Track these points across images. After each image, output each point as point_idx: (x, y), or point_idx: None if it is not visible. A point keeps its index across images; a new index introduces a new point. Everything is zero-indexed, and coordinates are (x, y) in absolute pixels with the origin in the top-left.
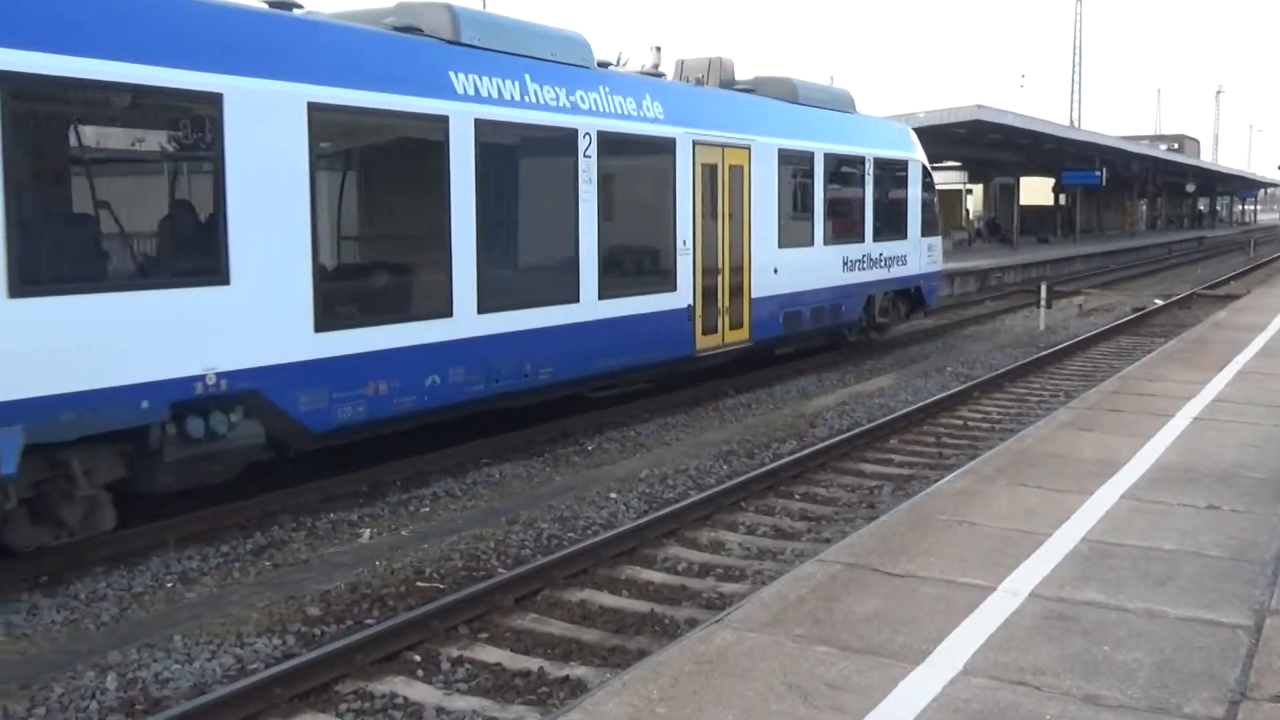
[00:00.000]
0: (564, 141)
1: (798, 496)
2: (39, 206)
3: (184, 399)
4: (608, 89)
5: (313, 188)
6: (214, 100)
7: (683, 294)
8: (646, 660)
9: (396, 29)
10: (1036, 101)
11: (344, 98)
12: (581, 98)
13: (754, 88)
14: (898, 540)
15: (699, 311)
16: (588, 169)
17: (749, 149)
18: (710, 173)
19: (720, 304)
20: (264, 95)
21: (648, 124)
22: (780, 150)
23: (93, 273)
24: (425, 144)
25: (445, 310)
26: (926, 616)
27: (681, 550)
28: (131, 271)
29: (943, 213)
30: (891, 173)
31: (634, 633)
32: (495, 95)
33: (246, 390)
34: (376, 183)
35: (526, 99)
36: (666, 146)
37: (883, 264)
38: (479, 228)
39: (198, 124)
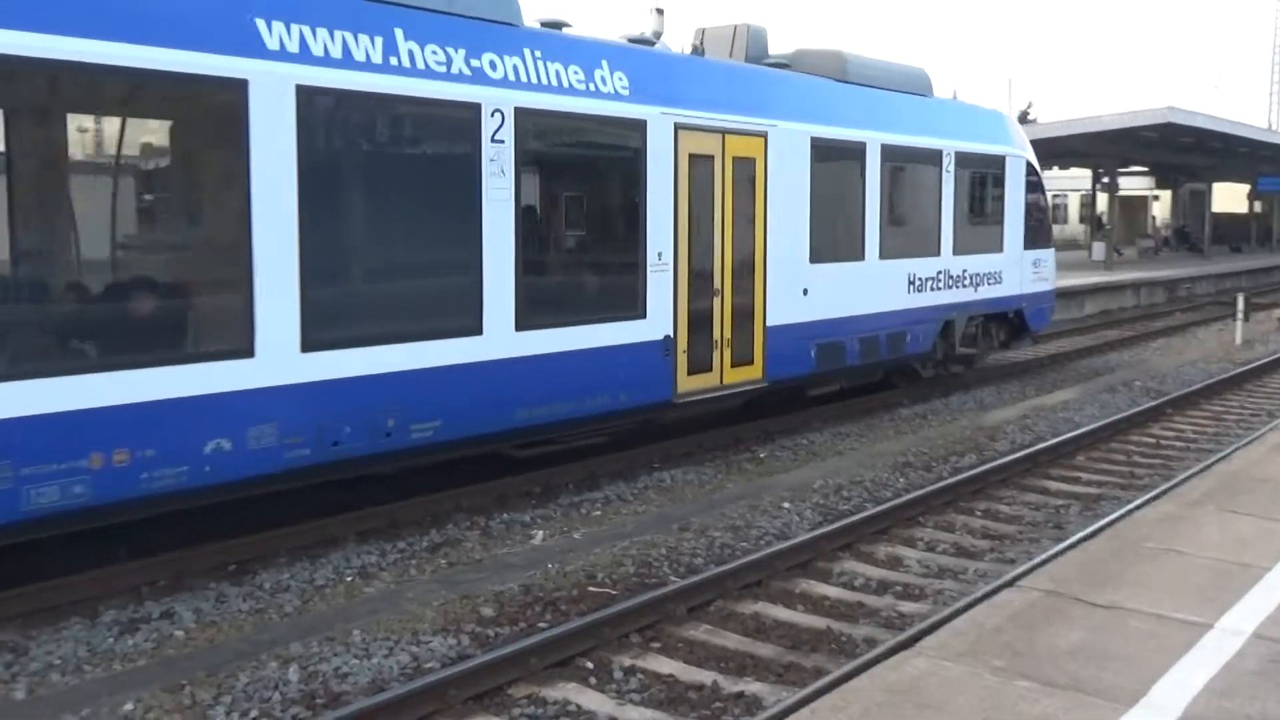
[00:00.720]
0: (457, 120)
1: (978, 513)
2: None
3: None
4: (538, 53)
5: None
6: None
7: (656, 322)
8: (835, 691)
9: None
10: (1231, 106)
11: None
12: (492, 63)
13: (790, 63)
14: (1100, 568)
15: (682, 345)
16: (499, 157)
17: (765, 137)
18: (702, 166)
19: (717, 334)
20: None
21: (601, 100)
22: (815, 139)
23: None
24: (222, 118)
25: (242, 348)
26: (1137, 653)
27: (858, 565)
28: None
29: (1125, 220)
30: (981, 170)
31: (810, 650)
32: (337, 55)
33: None
34: (130, 178)
35: (392, 61)
36: (632, 130)
37: (966, 282)
38: (301, 234)
39: None
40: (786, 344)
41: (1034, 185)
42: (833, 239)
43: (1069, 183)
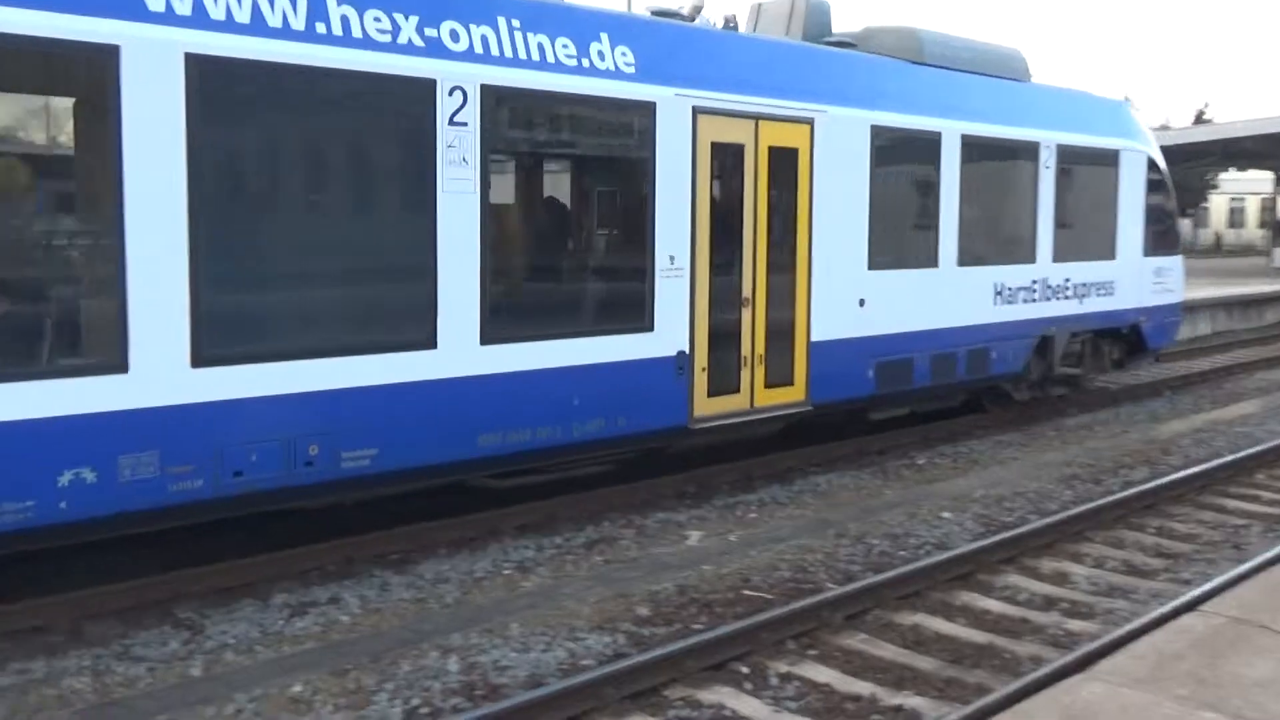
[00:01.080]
0: (401, 99)
1: (1151, 530)
2: None
3: None
4: (516, 23)
5: None
6: None
7: (666, 335)
8: (1005, 712)
9: None
10: None
11: None
12: (453, 33)
13: (856, 42)
14: None
15: (700, 362)
16: (460, 143)
17: (811, 123)
18: (728, 156)
19: (746, 350)
20: None
21: (597, 79)
22: (877, 127)
23: None
24: (89, 93)
25: (112, 360)
26: None
27: (1021, 579)
28: None
29: None
30: (1089, 165)
31: (971, 665)
32: (243, 19)
33: None
34: None
35: (318, 28)
36: (637, 114)
37: (1068, 293)
38: (193, 232)
39: None
40: (837, 362)
41: (1157, 184)
42: (898, 243)
43: (1248, 185)
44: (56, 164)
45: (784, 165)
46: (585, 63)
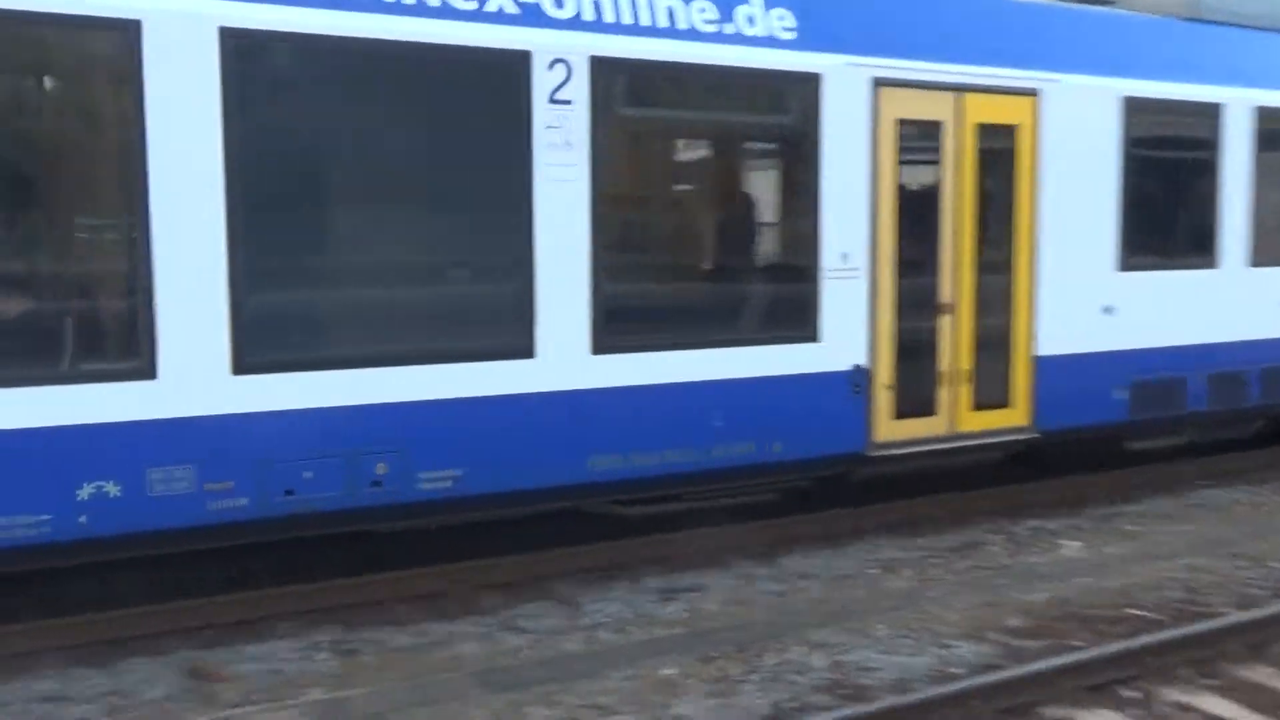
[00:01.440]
0: (489, 74)
1: None
2: None
3: None
4: None
5: None
6: None
7: (837, 346)
8: None
9: None
10: None
11: None
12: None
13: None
14: None
15: (884, 378)
16: (562, 124)
17: (1036, 95)
18: (922, 136)
19: (944, 365)
20: None
21: (744, 47)
22: (1129, 100)
23: None
24: (108, 73)
25: (138, 366)
26: None
27: None
28: None
29: None
30: None
31: None
32: None
33: None
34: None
35: None
36: (798, 87)
37: None
38: (231, 227)
39: None
40: (1074, 380)
41: None
42: (1161, 238)
43: None
44: (81, 157)
45: (998, 145)
46: (729, 29)
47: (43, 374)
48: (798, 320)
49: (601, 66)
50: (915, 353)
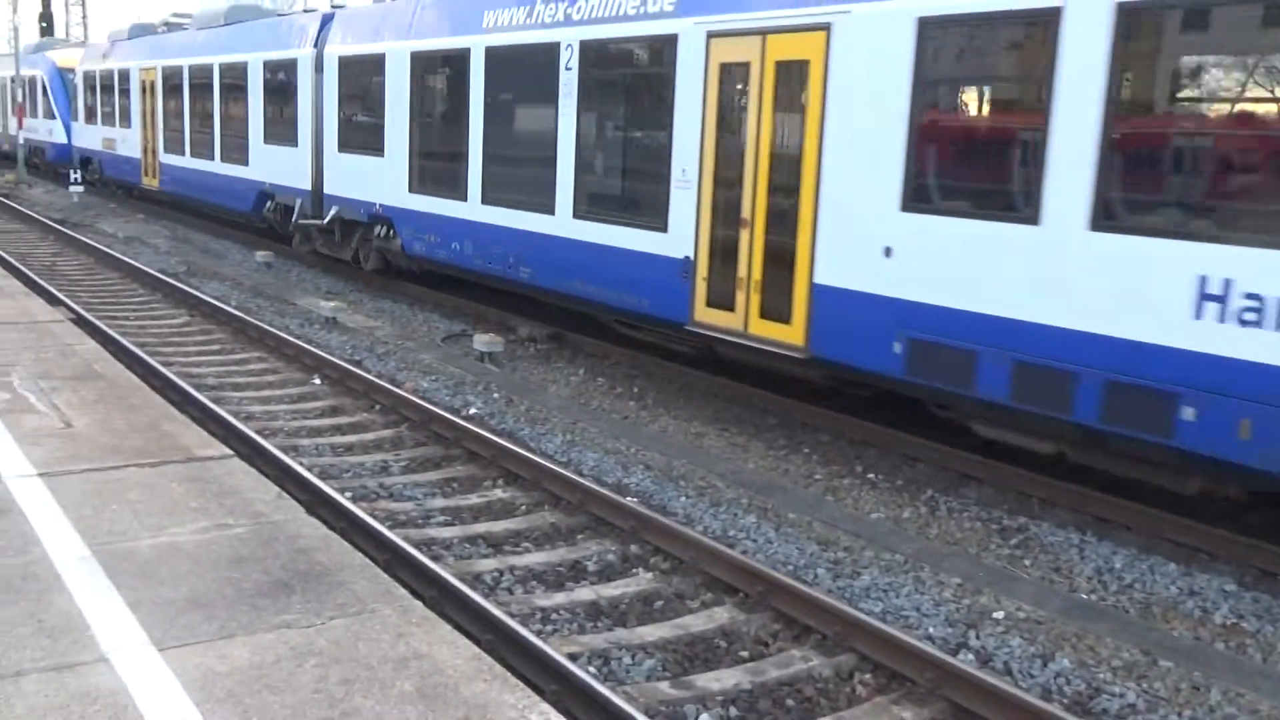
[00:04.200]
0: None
1: None
2: None
3: None
4: None
5: None
6: None
7: (677, 239)
8: None
9: None
10: None
11: None
12: None
13: None
14: None
15: (702, 271)
16: (569, 85)
17: (828, 30)
18: (736, 76)
19: (743, 273)
20: None
21: (647, 20)
22: (925, 21)
23: None
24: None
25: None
26: None
27: None
28: None
29: None
30: None
31: None
32: None
33: None
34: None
35: None
36: (666, 46)
37: None
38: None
39: None
40: (850, 317)
41: None
42: (958, 179)
43: None
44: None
45: (791, 81)
46: (644, 10)
47: None
48: (658, 215)
49: (584, 46)
50: (724, 257)
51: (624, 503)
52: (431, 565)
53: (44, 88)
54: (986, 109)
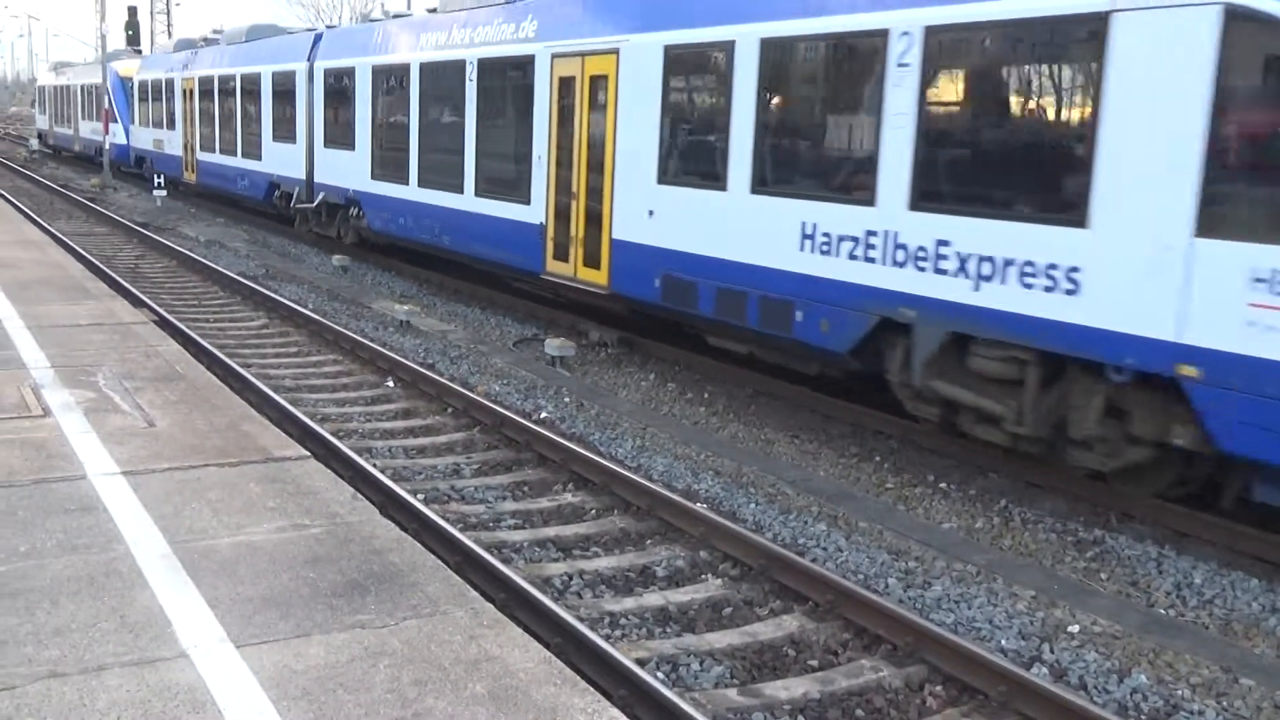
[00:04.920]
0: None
1: None
2: None
3: None
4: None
5: None
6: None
7: (535, 209)
8: None
9: None
10: None
11: None
12: None
13: None
14: None
15: (550, 233)
16: (470, 90)
17: (617, 53)
18: (567, 86)
19: (574, 233)
20: None
21: (514, 44)
22: (668, 49)
23: None
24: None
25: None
26: None
27: None
28: None
29: None
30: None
31: None
32: None
33: None
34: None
35: None
36: (529, 64)
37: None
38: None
39: None
40: (632, 262)
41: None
42: (685, 161)
43: None
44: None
45: (599, 90)
46: (519, 34)
47: None
48: (524, 192)
49: (481, 64)
50: (562, 221)
51: (694, 508)
52: (502, 568)
53: (109, 94)
54: (704, 111)
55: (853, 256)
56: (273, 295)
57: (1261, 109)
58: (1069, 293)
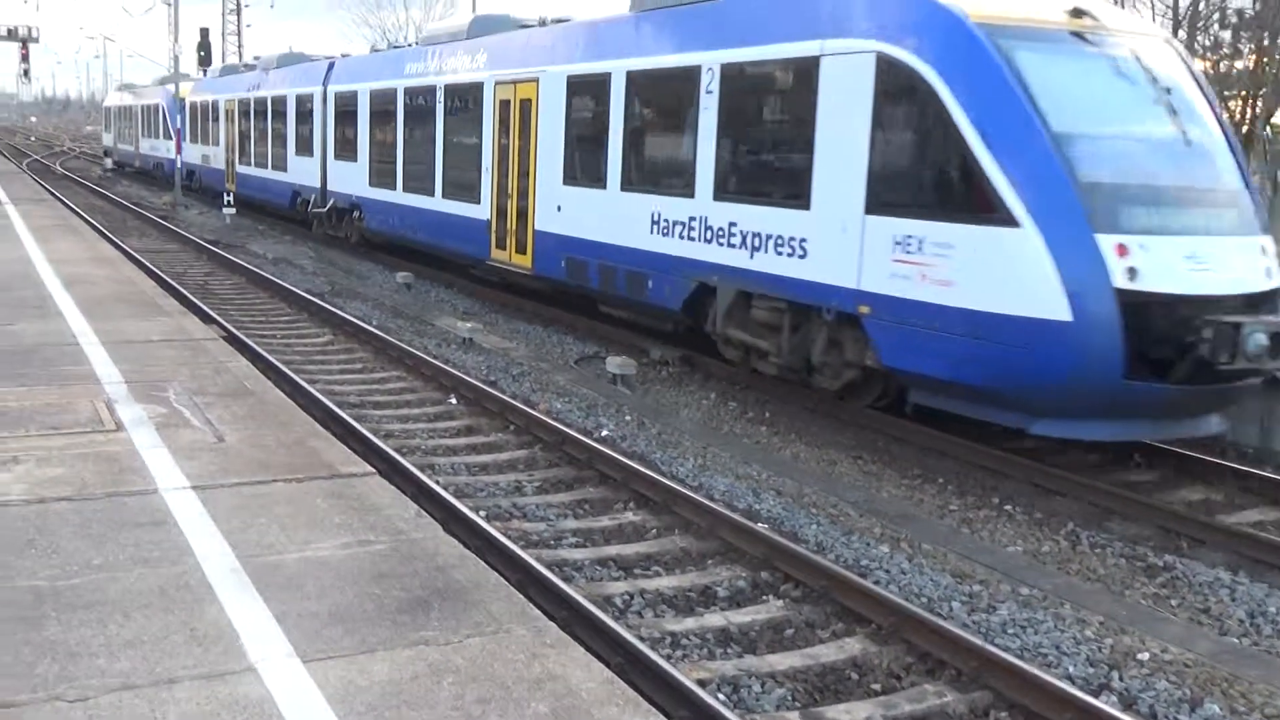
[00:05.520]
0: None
1: None
2: None
3: None
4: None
5: None
6: None
7: (484, 208)
8: None
9: None
10: None
11: None
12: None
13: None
14: None
15: (494, 228)
16: (438, 110)
17: (538, 81)
18: (505, 107)
19: (510, 226)
20: None
21: (472, 73)
22: (570, 79)
23: None
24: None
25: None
26: None
27: None
28: None
29: None
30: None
31: None
32: None
33: None
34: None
35: None
36: (478, 89)
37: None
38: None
39: None
40: (547, 247)
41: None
42: (581, 166)
43: None
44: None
45: (527, 110)
46: (473, 65)
47: None
48: (476, 194)
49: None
50: (500, 216)
51: (755, 529)
52: (564, 586)
53: (164, 113)
54: (592, 126)
55: (680, 236)
56: (338, 312)
57: (900, 126)
58: (800, 257)
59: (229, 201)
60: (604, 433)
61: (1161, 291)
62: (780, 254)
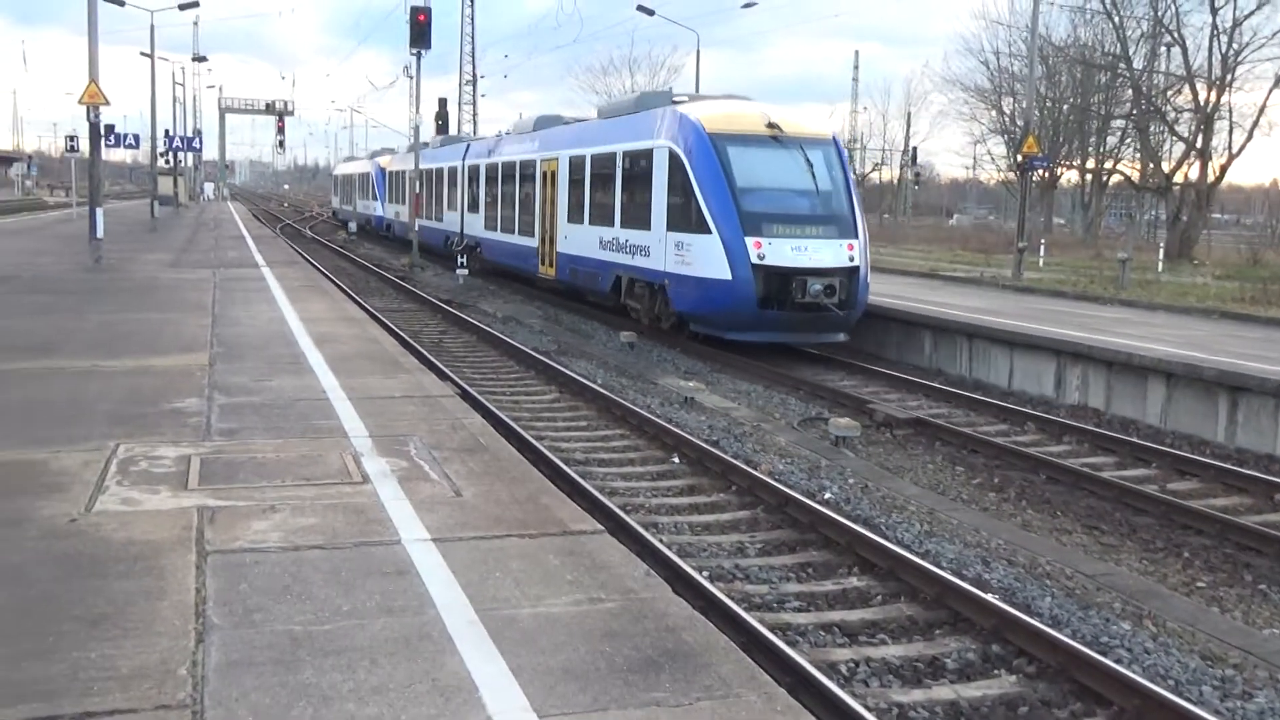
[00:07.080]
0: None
1: None
2: None
3: None
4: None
5: None
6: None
7: (535, 240)
8: None
9: None
10: None
11: None
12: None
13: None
14: None
15: (541, 252)
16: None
17: (559, 159)
18: (550, 175)
19: (545, 251)
20: None
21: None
22: (570, 157)
23: None
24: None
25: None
26: None
27: None
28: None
29: None
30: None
31: None
32: None
33: None
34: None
35: None
36: (533, 162)
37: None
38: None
39: None
40: (563, 262)
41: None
42: (576, 211)
43: None
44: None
45: (553, 177)
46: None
47: None
48: (531, 230)
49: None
50: (543, 244)
51: (986, 599)
52: (790, 652)
53: (372, 180)
54: (577, 187)
55: (608, 250)
56: (564, 370)
57: (676, 186)
58: (646, 255)
59: (462, 263)
60: (827, 495)
61: (776, 265)
62: (637, 255)
